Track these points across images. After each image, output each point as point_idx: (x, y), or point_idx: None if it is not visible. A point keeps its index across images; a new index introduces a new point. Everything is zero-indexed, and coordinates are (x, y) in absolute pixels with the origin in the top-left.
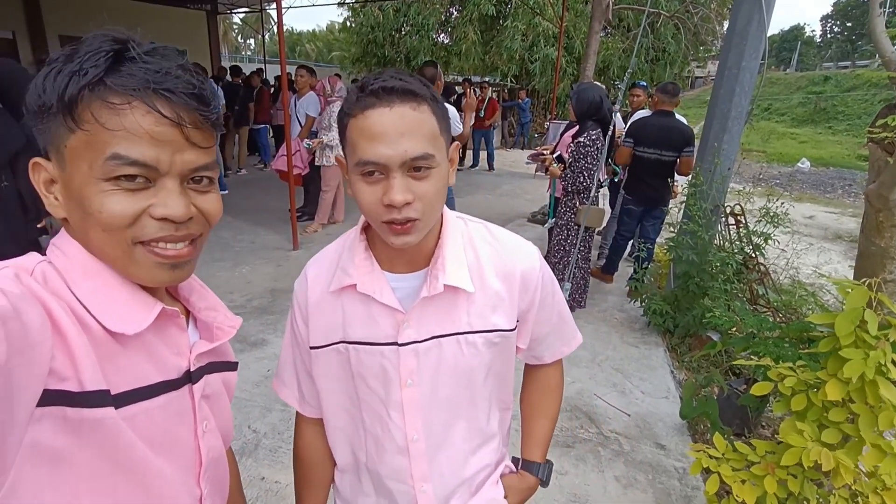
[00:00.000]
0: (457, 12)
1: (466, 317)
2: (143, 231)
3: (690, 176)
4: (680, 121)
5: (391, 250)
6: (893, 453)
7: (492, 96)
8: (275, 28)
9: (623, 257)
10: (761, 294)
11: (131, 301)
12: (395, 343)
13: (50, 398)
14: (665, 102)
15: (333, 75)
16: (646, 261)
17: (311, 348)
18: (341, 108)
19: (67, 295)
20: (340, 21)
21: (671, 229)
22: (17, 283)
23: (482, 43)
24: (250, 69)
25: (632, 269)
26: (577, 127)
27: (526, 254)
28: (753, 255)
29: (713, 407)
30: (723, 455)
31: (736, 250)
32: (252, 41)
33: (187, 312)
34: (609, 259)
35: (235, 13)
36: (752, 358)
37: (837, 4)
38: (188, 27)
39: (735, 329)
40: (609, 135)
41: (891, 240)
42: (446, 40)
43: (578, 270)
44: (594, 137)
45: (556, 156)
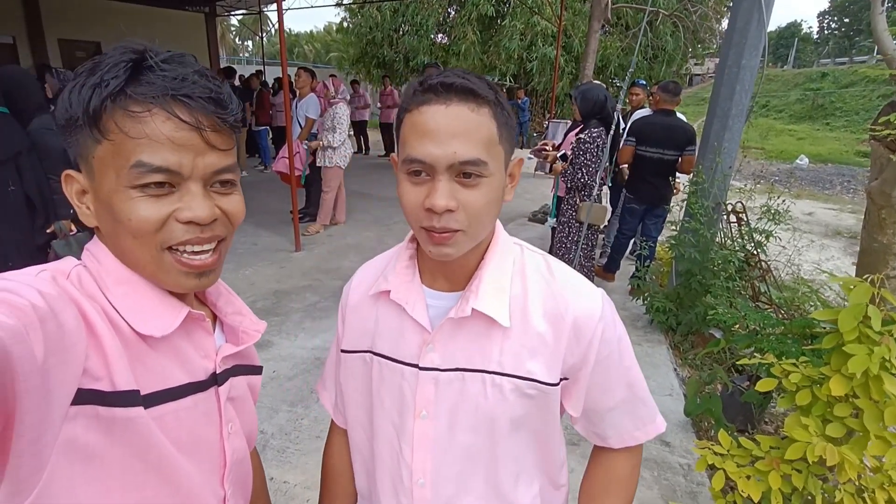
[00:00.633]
0: (455, 12)
1: (498, 355)
2: (171, 235)
3: (692, 174)
4: (682, 120)
5: (434, 263)
6: None
7: None
8: (272, 30)
9: (625, 256)
10: (763, 291)
11: (160, 305)
12: (416, 365)
13: (83, 397)
14: (667, 101)
15: (331, 76)
16: (648, 259)
17: (342, 351)
18: (400, 106)
19: (101, 298)
20: (338, 22)
21: (673, 227)
22: (55, 285)
23: (481, 42)
24: (249, 71)
25: (634, 268)
26: (582, 126)
27: (586, 297)
28: (755, 253)
29: (717, 404)
30: (727, 451)
31: (738, 248)
32: (250, 43)
33: (214, 317)
34: (611, 257)
35: (233, 15)
36: (756, 355)
37: (834, 0)
38: (187, 29)
39: (738, 326)
40: (612, 134)
41: (893, 236)
42: (445, 40)
43: (581, 268)
44: (595, 135)
45: (561, 154)
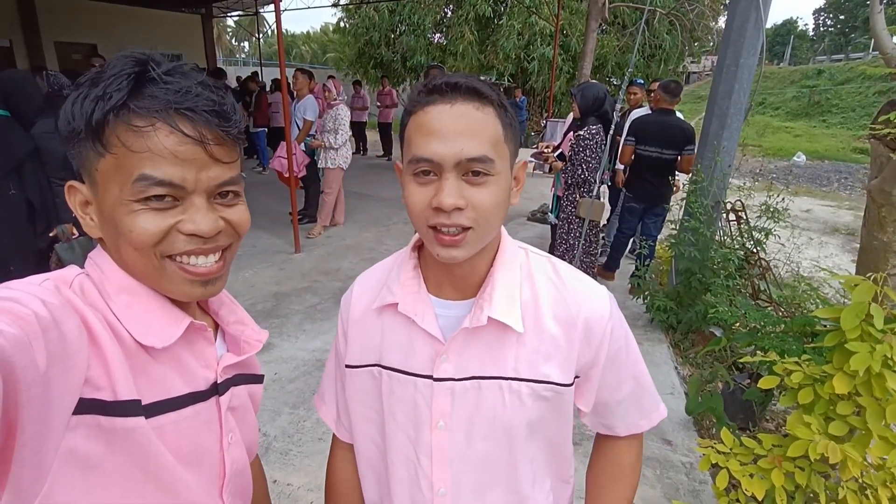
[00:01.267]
0: (451, 12)
1: (514, 361)
2: (173, 246)
3: (691, 173)
4: (681, 119)
5: (441, 272)
6: None
7: None
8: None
9: (624, 255)
10: (763, 289)
11: (161, 315)
12: (431, 377)
13: (85, 406)
14: (666, 101)
15: (330, 77)
16: (647, 258)
17: (347, 366)
18: (405, 109)
19: (103, 307)
20: (335, 23)
21: (672, 226)
22: (57, 295)
23: (478, 42)
24: (245, 72)
25: (633, 267)
26: (580, 124)
27: (594, 299)
28: (755, 251)
29: (718, 402)
30: (730, 450)
31: (737, 246)
32: (246, 44)
33: (216, 326)
34: (610, 256)
35: (230, 16)
36: (758, 353)
37: None
38: (183, 31)
39: (738, 324)
40: (610, 132)
41: (893, 234)
42: (442, 40)
43: (582, 266)
44: (594, 132)
45: (558, 154)
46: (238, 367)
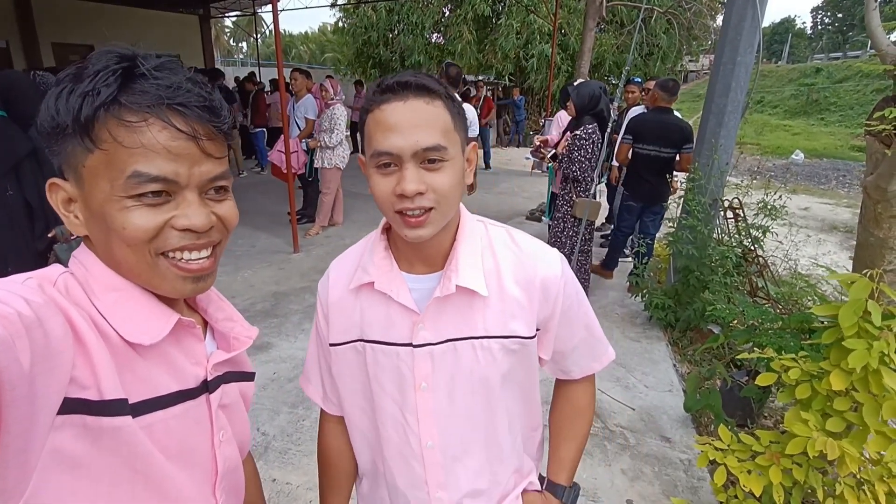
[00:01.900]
0: (449, 12)
1: (482, 321)
2: (167, 242)
3: (689, 171)
4: (678, 117)
5: (410, 250)
6: None
7: (487, 95)
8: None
9: (622, 253)
10: (761, 287)
11: (149, 312)
12: (411, 344)
13: (70, 406)
14: (664, 100)
15: (328, 77)
16: (646, 256)
17: (331, 345)
18: (362, 106)
19: (88, 305)
20: (333, 22)
21: (670, 224)
22: (41, 293)
23: (477, 42)
24: (243, 73)
25: (632, 265)
26: (576, 122)
27: (547, 260)
28: (752, 248)
29: (716, 399)
30: (728, 446)
31: (735, 244)
32: (244, 44)
33: (205, 323)
34: (608, 255)
35: (227, 17)
36: (755, 350)
37: None
38: (181, 32)
39: (736, 322)
40: (607, 131)
41: (889, 230)
42: (441, 40)
43: (578, 265)
44: (590, 131)
45: (552, 154)
46: (228, 365)
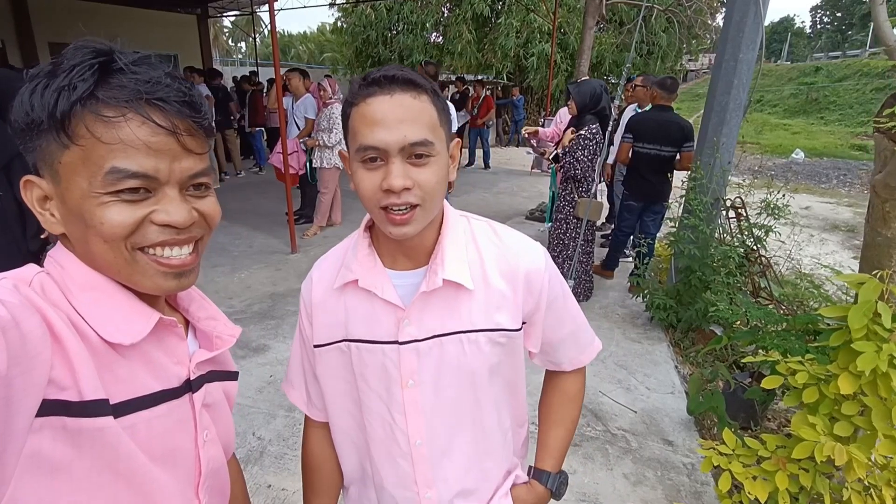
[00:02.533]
0: (448, 11)
1: (469, 315)
2: (145, 237)
3: (690, 170)
4: (679, 116)
5: (393, 246)
6: None
7: (486, 94)
8: (265, 31)
9: (623, 253)
10: (763, 287)
11: (129, 311)
12: (396, 342)
13: (49, 408)
14: (663, 98)
15: (326, 76)
16: (647, 256)
17: (315, 347)
18: (345, 99)
19: (65, 305)
20: (331, 22)
21: (671, 224)
22: (16, 294)
23: (476, 41)
24: (242, 73)
25: (632, 265)
26: (577, 121)
27: (531, 254)
28: (755, 248)
29: (720, 401)
30: (733, 451)
31: (737, 243)
32: (243, 44)
33: (186, 322)
34: (609, 255)
35: (226, 16)
36: (760, 352)
37: None
38: (179, 32)
39: (739, 323)
40: (609, 130)
41: None
42: (440, 39)
43: (580, 265)
44: (594, 131)
45: (553, 155)
46: (211, 364)
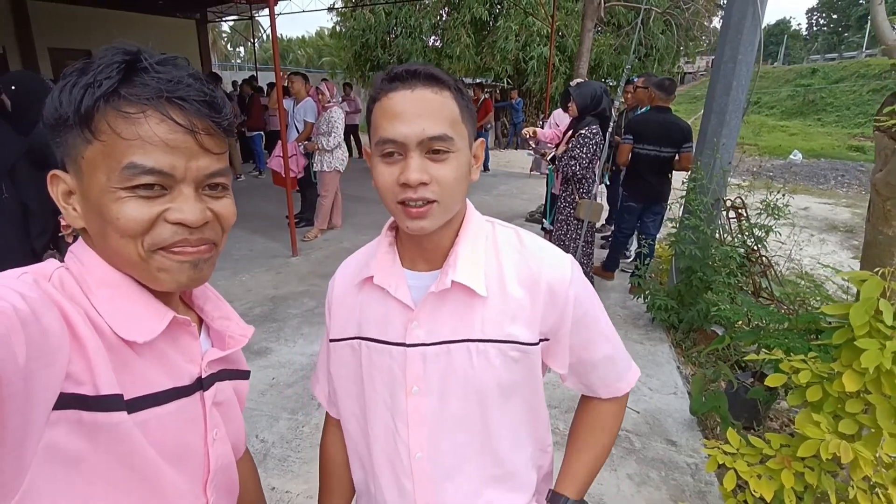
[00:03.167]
0: (447, 15)
1: (480, 324)
2: (160, 237)
3: (690, 170)
4: (677, 117)
5: (413, 247)
6: None
7: (485, 97)
8: (264, 35)
9: (623, 254)
10: (764, 287)
11: (144, 309)
12: (404, 344)
13: (66, 402)
14: (661, 99)
15: (323, 80)
16: (647, 257)
17: (331, 341)
18: (369, 96)
19: (83, 301)
20: (330, 27)
21: (671, 225)
22: (36, 289)
23: (475, 45)
24: (241, 77)
25: (633, 266)
26: (577, 122)
27: (556, 263)
28: (756, 248)
29: (723, 401)
30: (737, 451)
31: (738, 244)
32: (242, 49)
33: (200, 321)
34: (610, 256)
35: (225, 21)
36: (763, 351)
37: None
38: (178, 36)
39: (741, 322)
40: (609, 130)
41: None
42: (438, 43)
43: (581, 266)
44: (594, 132)
45: (551, 157)
46: (223, 363)
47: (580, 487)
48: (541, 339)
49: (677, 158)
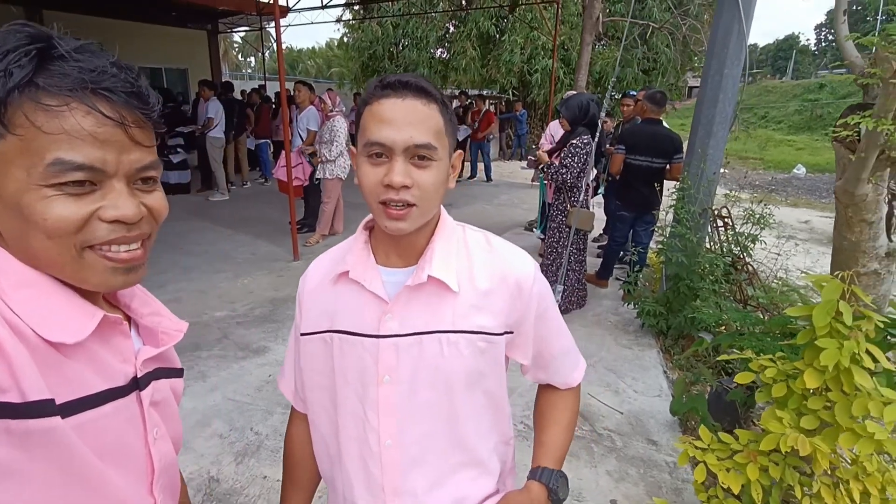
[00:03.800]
0: (453, 28)
1: (451, 316)
2: (95, 235)
3: (679, 180)
4: (668, 129)
5: (388, 244)
6: (867, 436)
7: (488, 109)
8: (273, 46)
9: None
10: (751, 295)
11: (70, 309)
12: (377, 335)
13: None
14: (653, 111)
15: (328, 90)
16: (638, 265)
17: (301, 335)
18: (361, 99)
19: None
20: (338, 38)
21: (660, 233)
22: None
23: (480, 57)
24: (251, 86)
25: (625, 273)
26: (569, 135)
27: (521, 262)
28: (741, 256)
29: (702, 402)
30: (708, 445)
31: (724, 251)
32: (252, 59)
33: (128, 318)
34: (603, 264)
35: (235, 32)
36: (733, 351)
37: (831, 13)
38: (190, 46)
39: (724, 327)
40: (596, 139)
41: (861, 234)
42: (445, 55)
43: (572, 273)
44: (585, 142)
45: (543, 167)
46: (158, 361)
47: (556, 458)
48: (505, 332)
49: (668, 169)
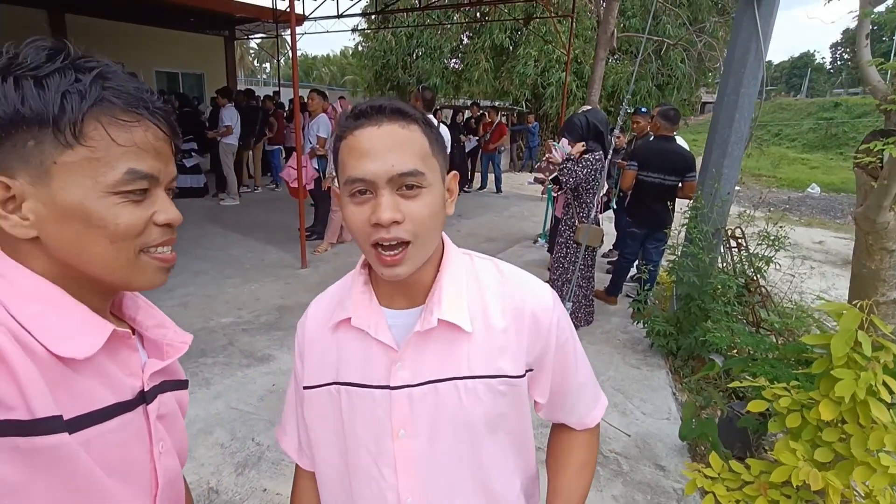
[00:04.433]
0: (468, 39)
1: (467, 360)
2: (150, 237)
3: (692, 199)
4: (681, 146)
5: (390, 284)
6: (882, 469)
7: (500, 121)
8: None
9: (626, 280)
10: (764, 318)
11: (81, 324)
12: (388, 386)
13: None
14: (665, 129)
15: (340, 98)
16: (648, 283)
17: (305, 388)
18: (335, 135)
19: (7, 320)
20: (353, 46)
21: (671, 252)
22: None
23: (493, 69)
24: (266, 92)
25: (636, 291)
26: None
27: (537, 292)
28: (755, 278)
29: (712, 428)
30: (718, 475)
31: (737, 273)
32: (268, 65)
33: (132, 331)
34: (613, 281)
35: (252, 38)
36: (746, 378)
37: (847, 32)
38: (206, 52)
39: (736, 351)
40: (609, 156)
41: (881, 262)
42: (458, 66)
43: (579, 289)
44: (598, 157)
45: (553, 177)
46: (163, 374)
47: (568, 501)
48: (527, 371)
49: (680, 186)
